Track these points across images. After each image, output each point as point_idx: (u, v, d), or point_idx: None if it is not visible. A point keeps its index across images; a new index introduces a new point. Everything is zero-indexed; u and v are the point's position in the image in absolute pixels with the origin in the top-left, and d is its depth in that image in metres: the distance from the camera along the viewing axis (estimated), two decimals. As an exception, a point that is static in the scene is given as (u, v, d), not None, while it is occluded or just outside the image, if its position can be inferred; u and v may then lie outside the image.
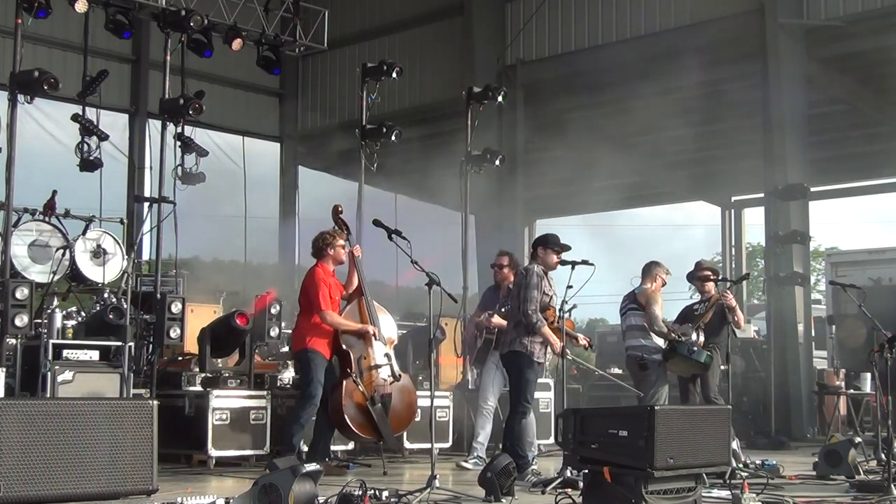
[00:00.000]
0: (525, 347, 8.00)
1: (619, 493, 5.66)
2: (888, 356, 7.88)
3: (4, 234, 9.68)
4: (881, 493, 7.19)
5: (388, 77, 11.76)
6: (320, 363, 8.28)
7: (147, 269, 12.18)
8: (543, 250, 8.20)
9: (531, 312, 7.89)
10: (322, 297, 8.28)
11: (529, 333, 7.98)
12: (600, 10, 17.08)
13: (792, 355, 14.34)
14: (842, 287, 9.49)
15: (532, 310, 7.90)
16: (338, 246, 8.51)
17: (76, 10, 11.27)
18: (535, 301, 7.91)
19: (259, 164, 20.65)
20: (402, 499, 6.29)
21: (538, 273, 8.04)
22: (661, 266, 9.41)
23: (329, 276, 8.47)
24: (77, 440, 4.69)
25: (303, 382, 8.50)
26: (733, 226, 22.57)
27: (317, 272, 8.40)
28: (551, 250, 8.17)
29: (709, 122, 18.04)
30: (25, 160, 9.86)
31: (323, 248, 8.49)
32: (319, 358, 8.29)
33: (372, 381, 8.46)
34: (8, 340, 8.53)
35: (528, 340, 7.99)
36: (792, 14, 14.82)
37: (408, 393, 8.83)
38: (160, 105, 10.81)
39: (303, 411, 8.26)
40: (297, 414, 8.34)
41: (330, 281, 8.45)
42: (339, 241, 8.56)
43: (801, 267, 14.74)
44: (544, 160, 19.31)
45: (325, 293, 8.30)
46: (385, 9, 20.05)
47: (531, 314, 7.90)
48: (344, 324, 8.45)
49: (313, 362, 8.25)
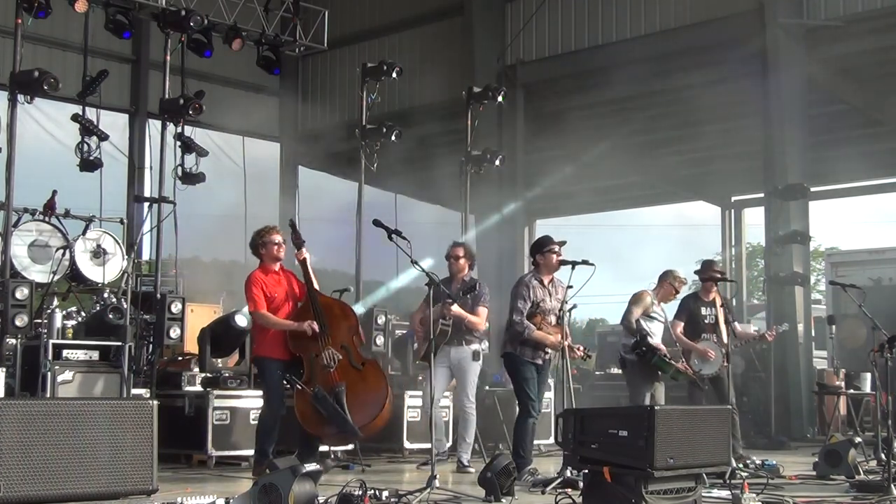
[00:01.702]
0: (516, 349, 8.25)
1: (619, 493, 5.65)
2: (888, 356, 7.89)
3: (4, 234, 9.69)
4: (881, 493, 7.18)
5: (388, 77, 11.77)
6: (273, 369, 7.88)
7: (147, 269, 12.19)
8: (542, 256, 8.30)
9: (517, 321, 8.16)
10: (252, 298, 7.87)
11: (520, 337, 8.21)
12: (600, 11, 17.07)
13: (792, 355, 14.34)
14: (842, 287, 9.49)
15: (517, 319, 8.16)
16: (269, 243, 7.96)
17: (76, 10, 11.29)
18: (521, 311, 8.16)
19: (259, 164, 20.64)
20: (402, 499, 6.29)
21: (525, 283, 8.28)
22: (672, 273, 9.41)
23: (268, 275, 7.96)
24: (77, 440, 4.69)
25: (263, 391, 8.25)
26: (733, 226, 22.57)
27: (251, 275, 7.98)
28: (549, 252, 8.26)
29: (709, 122, 18.04)
30: (25, 160, 9.88)
31: (256, 247, 8.04)
32: (271, 364, 7.90)
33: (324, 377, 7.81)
34: (8, 340, 8.53)
35: (518, 344, 8.23)
36: (792, 14, 14.81)
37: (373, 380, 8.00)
38: (160, 105, 10.83)
39: (263, 419, 8.05)
40: (259, 422, 8.19)
41: (269, 279, 7.95)
42: (270, 237, 7.99)
43: (801, 267, 14.74)
44: (544, 160, 19.31)
45: (259, 294, 7.84)
46: (385, 9, 20.04)
47: (516, 323, 8.17)
48: (278, 323, 7.90)
49: (266, 370, 7.96)
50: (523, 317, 8.14)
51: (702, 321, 9.59)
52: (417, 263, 7.21)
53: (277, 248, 7.98)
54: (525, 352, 8.21)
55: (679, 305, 9.89)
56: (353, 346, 8.02)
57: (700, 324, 9.59)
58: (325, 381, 7.76)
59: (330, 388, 7.68)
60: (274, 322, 7.88)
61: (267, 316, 7.88)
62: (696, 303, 9.72)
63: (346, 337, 8.02)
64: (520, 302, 8.18)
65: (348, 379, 7.84)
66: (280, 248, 8.00)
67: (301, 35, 15.15)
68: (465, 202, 12.30)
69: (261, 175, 20.48)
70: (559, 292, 8.29)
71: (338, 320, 8.03)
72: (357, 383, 7.89)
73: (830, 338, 14.12)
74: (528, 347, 8.20)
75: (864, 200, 28.90)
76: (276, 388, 7.91)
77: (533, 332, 8.12)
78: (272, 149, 21.42)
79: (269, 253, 7.96)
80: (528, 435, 8.19)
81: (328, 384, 7.73)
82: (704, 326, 9.57)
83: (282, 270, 8.06)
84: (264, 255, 7.99)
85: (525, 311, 8.16)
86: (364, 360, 8.10)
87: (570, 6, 17.40)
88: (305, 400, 7.71)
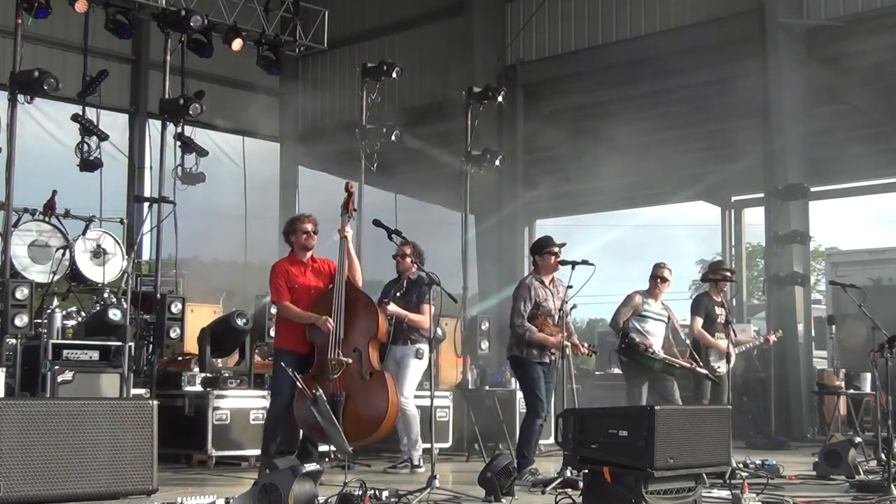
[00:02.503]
0: (522, 352, 8.28)
1: (619, 493, 5.66)
2: (888, 356, 7.89)
3: (4, 234, 9.69)
4: (881, 493, 7.19)
5: (388, 77, 11.76)
6: (285, 362, 7.56)
7: (147, 269, 12.19)
8: (540, 257, 8.39)
9: (517, 324, 8.22)
10: (275, 288, 7.74)
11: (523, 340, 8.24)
12: (600, 11, 17.06)
13: (792, 355, 14.33)
14: (842, 287, 9.49)
15: (518, 322, 8.22)
16: (299, 231, 7.80)
17: (76, 10, 11.30)
18: (521, 314, 8.20)
19: (259, 164, 20.63)
20: (402, 499, 6.29)
21: (525, 284, 8.34)
22: (658, 265, 9.40)
23: (294, 265, 7.80)
24: (77, 440, 4.69)
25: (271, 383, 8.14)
26: (733, 226, 22.54)
27: (276, 265, 7.86)
28: (548, 254, 8.34)
29: (709, 122, 18.04)
30: (25, 160, 9.89)
31: (287, 234, 7.93)
32: (286, 357, 7.65)
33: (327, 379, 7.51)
34: (8, 340, 8.53)
35: (524, 346, 8.26)
36: (792, 14, 14.81)
37: (375, 395, 7.60)
38: (160, 105, 10.83)
39: (268, 415, 7.94)
40: (266, 418, 8.08)
41: (294, 269, 7.78)
42: (303, 225, 7.84)
43: (801, 267, 14.74)
44: (544, 160, 19.31)
45: (282, 283, 7.70)
46: (385, 9, 20.03)
47: (517, 326, 8.23)
48: (298, 315, 7.66)
49: (278, 363, 7.73)
50: (524, 319, 8.17)
51: (714, 319, 9.64)
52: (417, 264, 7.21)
53: (307, 237, 7.79)
54: (531, 353, 8.23)
55: (694, 302, 9.93)
56: (366, 352, 7.67)
57: (714, 322, 9.63)
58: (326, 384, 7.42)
59: (330, 396, 7.27)
60: (295, 314, 7.69)
61: (288, 307, 7.71)
62: (709, 301, 9.79)
63: (362, 340, 7.67)
64: (521, 304, 8.21)
65: (352, 389, 7.52)
66: (310, 238, 7.80)
67: (301, 35, 15.15)
68: (465, 202, 12.29)
69: (261, 175, 20.47)
70: (561, 292, 8.31)
71: (359, 319, 7.69)
72: (359, 395, 7.54)
73: (830, 338, 14.12)
74: (533, 349, 8.23)
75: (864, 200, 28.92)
76: (284, 383, 7.55)
77: (534, 334, 8.15)
78: (272, 149, 21.41)
79: (298, 241, 7.79)
80: (533, 435, 8.25)
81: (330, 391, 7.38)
82: (717, 326, 9.61)
83: (311, 260, 7.85)
84: (294, 243, 7.84)
85: (526, 314, 8.19)
86: (373, 371, 7.67)
87: (570, 6, 17.40)
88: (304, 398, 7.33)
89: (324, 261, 7.92)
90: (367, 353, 7.68)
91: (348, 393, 7.51)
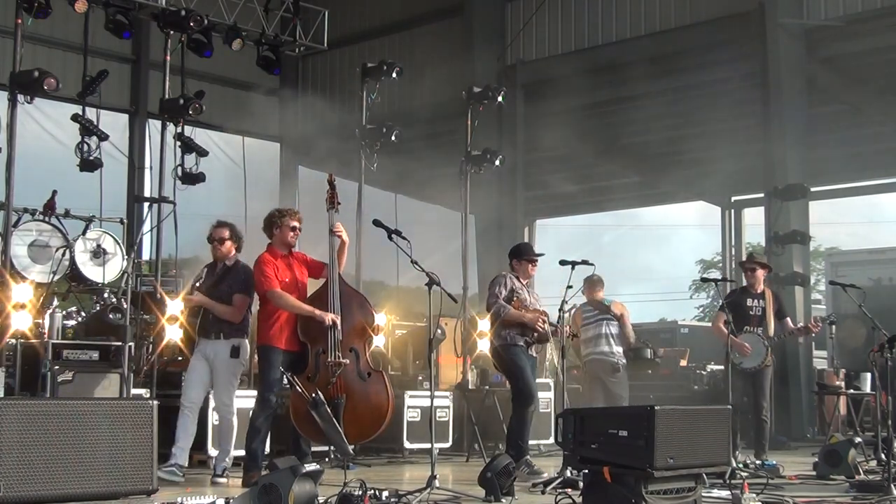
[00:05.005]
0: (506, 338, 8.39)
1: (619, 493, 5.65)
2: (888, 356, 7.89)
3: (4, 234, 9.68)
4: (881, 493, 7.18)
5: (388, 77, 11.77)
6: (274, 360, 7.40)
7: (147, 269, 12.18)
8: (518, 262, 8.70)
9: (492, 303, 8.41)
10: (266, 276, 7.42)
11: (504, 325, 8.36)
12: (600, 11, 17.08)
13: (792, 355, 14.33)
14: (842, 287, 9.49)
15: (492, 301, 8.40)
16: (285, 227, 7.58)
17: (76, 11, 11.27)
18: (496, 295, 8.39)
19: (259, 164, 20.64)
20: (402, 499, 6.29)
21: (501, 275, 8.63)
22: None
23: (277, 259, 7.56)
24: (77, 440, 4.69)
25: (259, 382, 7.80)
26: (733, 226, 22.56)
27: (262, 256, 7.57)
28: (526, 260, 8.66)
29: (709, 122, 18.04)
30: (25, 160, 9.87)
31: (270, 226, 7.64)
32: (273, 354, 7.42)
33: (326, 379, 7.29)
34: (8, 340, 8.53)
35: (504, 332, 8.38)
36: (792, 14, 14.82)
37: (375, 395, 7.43)
38: (160, 105, 10.82)
39: (255, 414, 7.53)
40: (252, 417, 7.59)
41: (279, 263, 7.53)
42: (291, 221, 7.63)
43: (801, 267, 14.75)
44: (544, 160, 19.31)
45: (272, 273, 7.43)
46: (385, 9, 20.04)
47: (491, 304, 8.42)
48: (296, 306, 7.40)
49: (266, 361, 7.48)
50: (499, 298, 8.34)
51: (746, 312, 9.54)
52: (417, 263, 7.19)
53: (293, 234, 7.63)
54: (514, 337, 8.32)
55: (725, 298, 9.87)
56: (363, 352, 7.53)
57: (745, 315, 9.52)
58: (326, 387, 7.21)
59: (329, 398, 7.06)
60: (292, 304, 7.40)
61: (284, 296, 7.41)
62: (743, 294, 9.73)
63: (359, 339, 7.51)
64: (496, 289, 8.44)
65: (351, 390, 7.35)
66: (295, 235, 7.64)
67: (301, 35, 15.16)
68: (465, 202, 12.30)
69: (261, 175, 20.48)
70: (537, 298, 8.60)
71: (355, 318, 7.51)
72: (359, 396, 7.38)
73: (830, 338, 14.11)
74: (514, 330, 8.32)
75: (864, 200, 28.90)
76: (274, 383, 7.44)
77: (509, 310, 8.29)
78: (272, 149, 21.42)
79: (282, 236, 7.60)
80: (525, 425, 8.26)
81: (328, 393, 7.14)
82: (749, 318, 9.53)
83: (290, 254, 7.71)
84: (276, 237, 7.63)
85: (501, 296, 8.37)
86: (371, 370, 7.52)
87: (569, 6, 17.41)
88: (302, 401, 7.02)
89: (299, 253, 7.82)
90: (364, 353, 7.56)
91: (348, 394, 7.33)
